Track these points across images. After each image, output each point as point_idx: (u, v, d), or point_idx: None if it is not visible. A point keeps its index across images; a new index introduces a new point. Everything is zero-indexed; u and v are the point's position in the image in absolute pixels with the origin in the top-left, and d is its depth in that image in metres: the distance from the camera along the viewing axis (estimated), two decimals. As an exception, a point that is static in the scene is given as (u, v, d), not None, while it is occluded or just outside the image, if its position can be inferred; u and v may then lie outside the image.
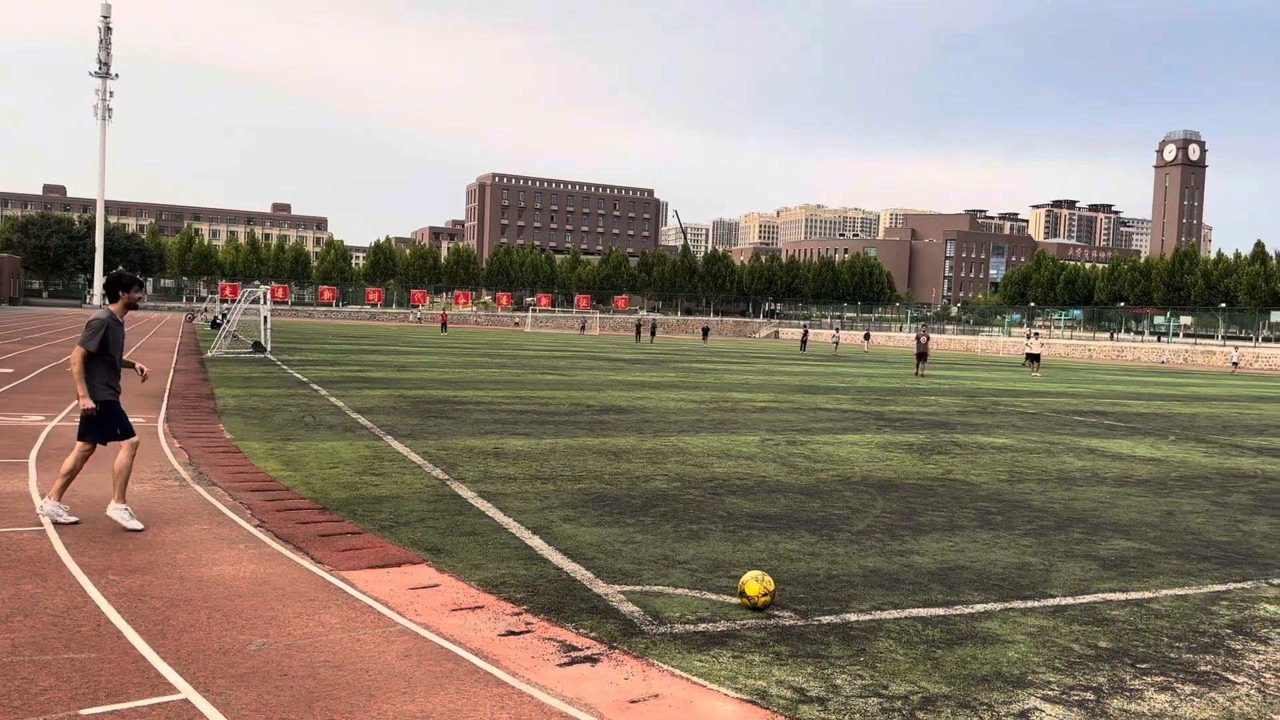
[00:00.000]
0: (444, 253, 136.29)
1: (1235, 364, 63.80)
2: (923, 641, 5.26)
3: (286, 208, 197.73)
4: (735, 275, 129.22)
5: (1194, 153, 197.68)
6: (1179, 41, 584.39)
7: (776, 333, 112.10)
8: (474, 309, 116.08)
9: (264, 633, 4.98)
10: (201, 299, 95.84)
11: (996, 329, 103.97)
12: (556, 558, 6.72)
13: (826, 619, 5.60)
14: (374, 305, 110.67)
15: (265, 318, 31.82)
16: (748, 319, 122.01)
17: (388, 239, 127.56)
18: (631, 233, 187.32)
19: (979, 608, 5.95)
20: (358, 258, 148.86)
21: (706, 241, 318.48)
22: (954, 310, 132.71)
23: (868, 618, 5.66)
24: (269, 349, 31.18)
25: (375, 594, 5.72)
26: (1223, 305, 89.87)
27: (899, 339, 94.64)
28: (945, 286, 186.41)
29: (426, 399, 17.94)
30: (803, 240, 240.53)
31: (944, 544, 7.67)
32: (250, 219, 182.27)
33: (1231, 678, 4.92)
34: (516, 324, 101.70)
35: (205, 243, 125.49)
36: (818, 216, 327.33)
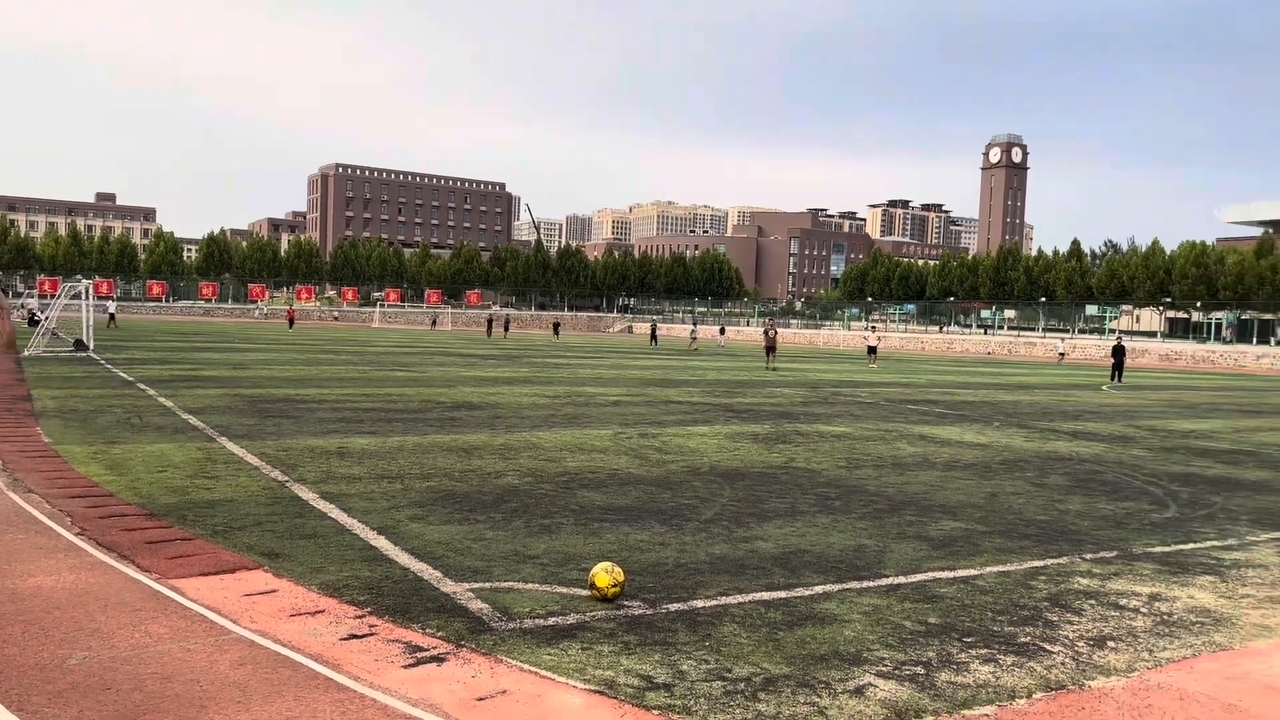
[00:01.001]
0: (284, 245, 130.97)
1: (1062, 354, 68.42)
2: (765, 624, 5.42)
3: (111, 197, 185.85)
4: (589, 270, 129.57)
5: (1017, 155, 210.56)
6: (1005, 46, 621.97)
7: (630, 328, 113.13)
8: (318, 304, 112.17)
9: (85, 646, 4.67)
10: (18, 294, 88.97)
11: (838, 323, 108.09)
12: (403, 558, 6.58)
13: (674, 607, 5.69)
14: (208, 300, 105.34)
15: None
16: (602, 314, 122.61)
17: (223, 231, 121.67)
18: (484, 227, 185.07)
19: (818, 589, 6.17)
20: (189, 250, 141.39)
21: (560, 236, 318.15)
22: (798, 305, 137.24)
23: (714, 604, 5.78)
24: (92, 347, 29.25)
25: (207, 602, 5.46)
26: (1043, 299, 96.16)
27: (747, 333, 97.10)
28: (790, 282, 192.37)
29: (265, 398, 17.22)
30: (655, 236, 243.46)
31: (786, 529, 7.92)
32: (72, 209, 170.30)
33: (1048, 647, 5.27)
34: (365, 320, 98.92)
35: (22, 234, 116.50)
36: (669, 213, 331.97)
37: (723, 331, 78.91)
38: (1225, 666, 5.05)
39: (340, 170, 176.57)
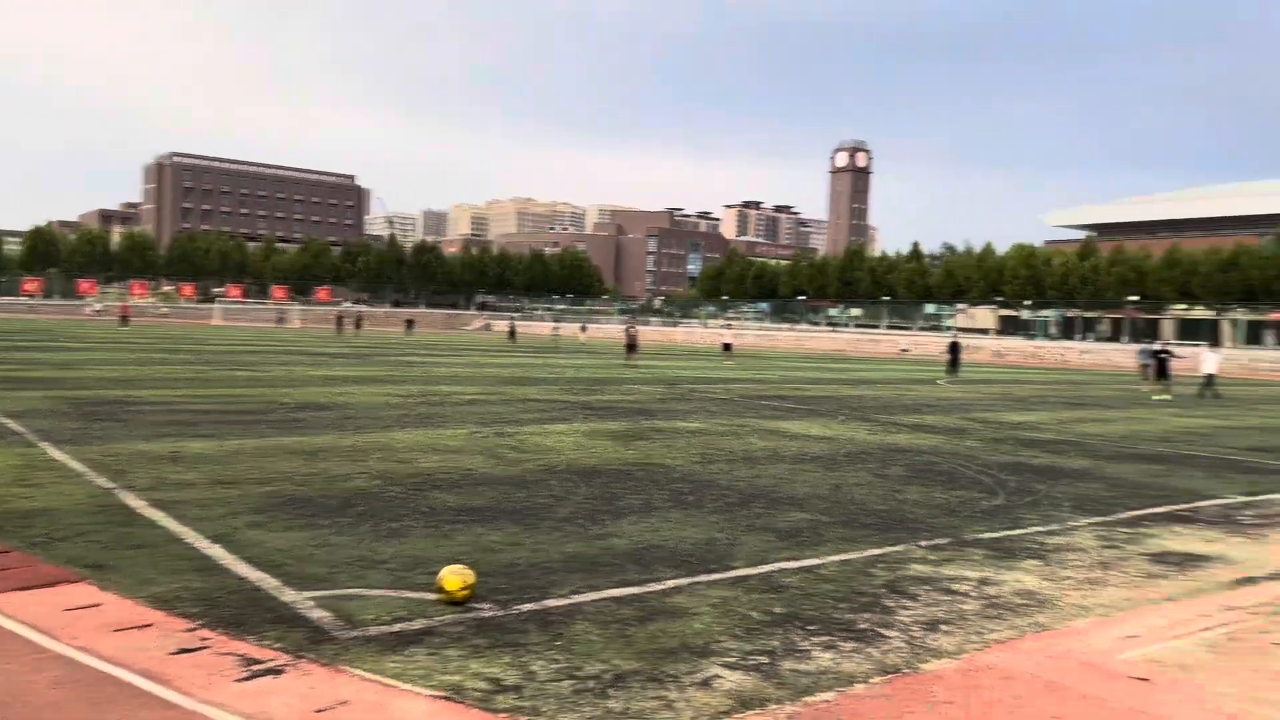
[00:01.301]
0: (116, 238, 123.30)
1: (904, 350, 71.59)
2: (617, 621, 5.44)
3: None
4: (446, 267, 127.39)
5: (861, 160, 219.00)
6: (852, 51, 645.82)
7: (488, 325, 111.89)
8: (153, 300, 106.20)
9: None
10: None
11: (695, 321, 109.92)
12: (240, 567, 6.29)
13: (526, 607, 5.64)
14: (31, 296, 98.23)
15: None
16: (459, 311, 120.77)
17: (49, 223, 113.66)
18: (334, 221, 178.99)
19: (670, 583, 6.24)
20: (11, 243, 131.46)
21: (415, 232, 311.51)
22: (658, 303, 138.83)
23: (566, 602, 5.76)
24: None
25: (24, 618, 5.07)
26: (886, 298, 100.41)
27: (608, 330, 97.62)
28: (649, 280, 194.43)
29: (93, 400, 16.17)
30: (514, 233, 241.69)
31: (641, 525, 7.98)
32: None
33: (885, 632, 5.49)
34: (205, 318, 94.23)
35: None
36: (528, 210, 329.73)
37: (584, 329, 79.05)
38: (1047, 645, 5.37)
39: (178, 160, 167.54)
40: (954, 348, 38.17)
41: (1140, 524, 9.02)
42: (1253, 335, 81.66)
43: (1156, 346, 32.47)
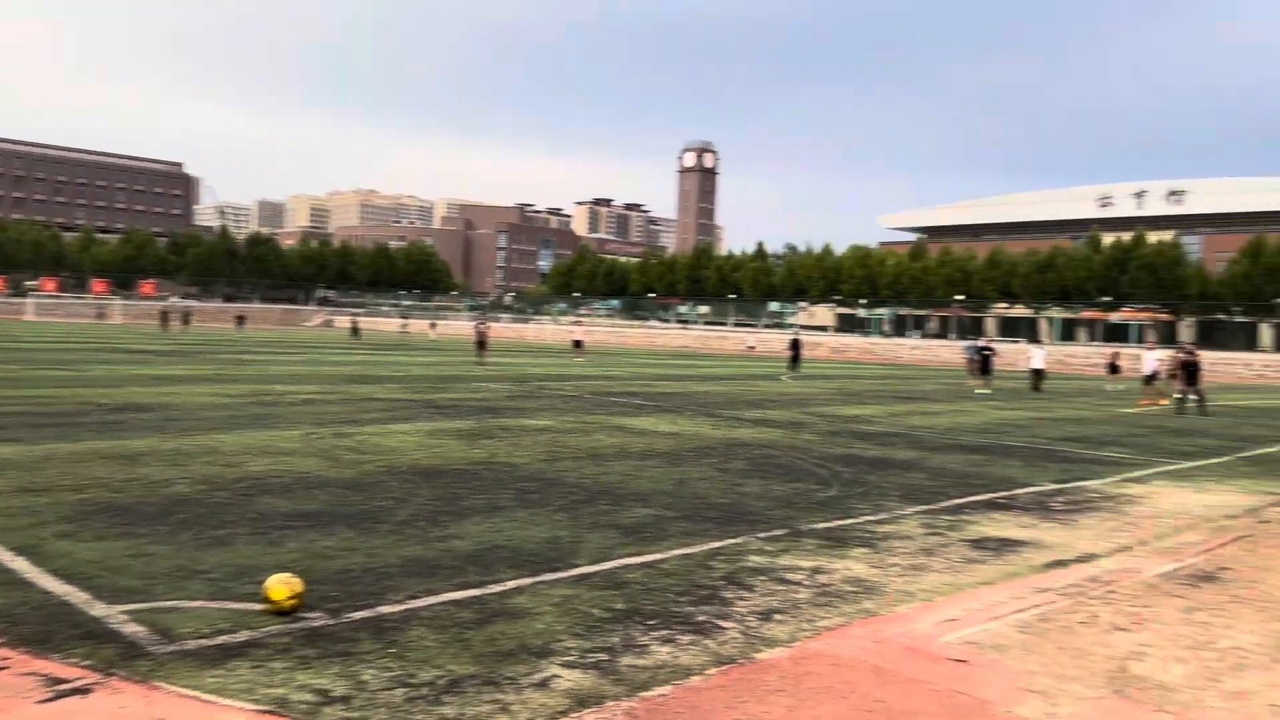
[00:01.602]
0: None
1: (751, 347, 73.40)
2: (454, 625, 5.34)
3: None
4: (283, 260, 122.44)
5: (709, 160, 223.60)
6: (702, 52, 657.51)
7: (330, 322, 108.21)
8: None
9: None
10: None
11: (547, 318, 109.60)
12: (46, 580, 5.83)
13: (359, 615, 5.46)
14: None
15: None
16: (297, 307, 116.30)
17: None
18: (159, 210, 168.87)
19: (511, 584, 6.17)
20: None
21: (250, 223, 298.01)
22: (508, 300, 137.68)
23: (402, 608, 5.61)
24: None
25: None
26: (733, 296, 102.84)
27: (458, 327, 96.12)
28: (499, 276, 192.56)
29: (-121, 403, 14.72)
30: (357, 225, 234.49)
31: (484, 526, 7.86)
32: None
33: (722, 624, 5.59)
34: (15, 313, 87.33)
35: None
36: (371, 202, 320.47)
37: (434, 325, 77.53)
38: (873, 631, 5.59)
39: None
40: (795, 345, 39.44)
41: (961, 512, 9.53)
42: (1067, 332, 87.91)
43: (980, 343, 34.46)
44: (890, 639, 5.44)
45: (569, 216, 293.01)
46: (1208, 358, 31.19)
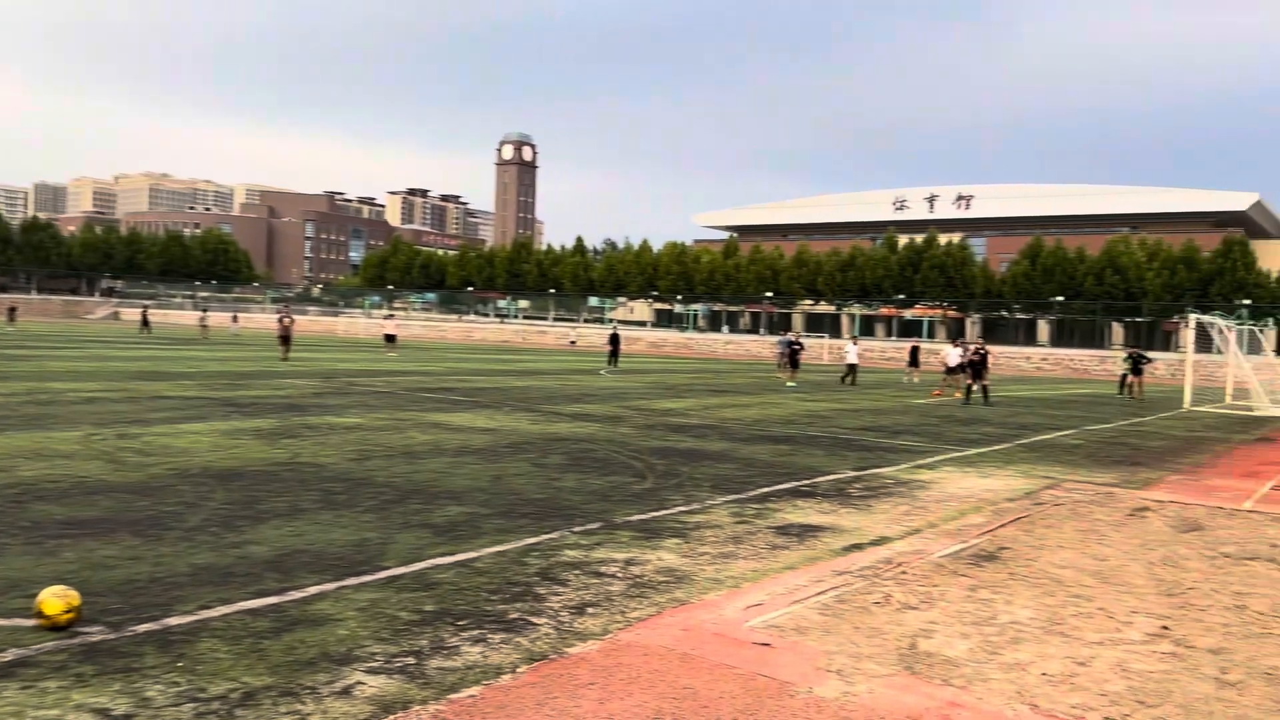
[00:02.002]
0: None
1: (573, 342, 73.56)
2: (250, 635, 5.05)
3: None
4: (64, 247, 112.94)
5: (527, 153, 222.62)
6: (525, 48, 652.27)
7: (117, 313, 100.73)
8: None
9: None
10: None
11: (358, 311, 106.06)
12: None
13: (144, 628, 5.08)
14: None
15: None
16: (80, 298, 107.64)
17: None
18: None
19: (313, 590, 5.90)
20: None
21: (25, 207, 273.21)
22: (315, 291, 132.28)
23: (192, 619, 5.26)
24: None
25: None
26: (553, 291, 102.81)
27: (263, 320, 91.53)
28: (306, 267, 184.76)
29: None
30: (147, 211, 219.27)
31: (284, 530, 7.49)
32: None
33: (535, 620, 5.55)
34: None
35: None
36: (163, 186, 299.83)
37: (236, 319, 73.49)
38: (683, 620, 5.70)
39: None
40: (614, 339, 39.83)
41: (768, 500, 9.88)
42: (866, 328, 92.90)
43: (790, 338, 35.91)
44: (699, 626, 5.56)
45: (382, 206, 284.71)
46: (994, 351, 33.73)
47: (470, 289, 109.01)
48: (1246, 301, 66.41)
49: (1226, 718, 4.50)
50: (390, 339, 45.86)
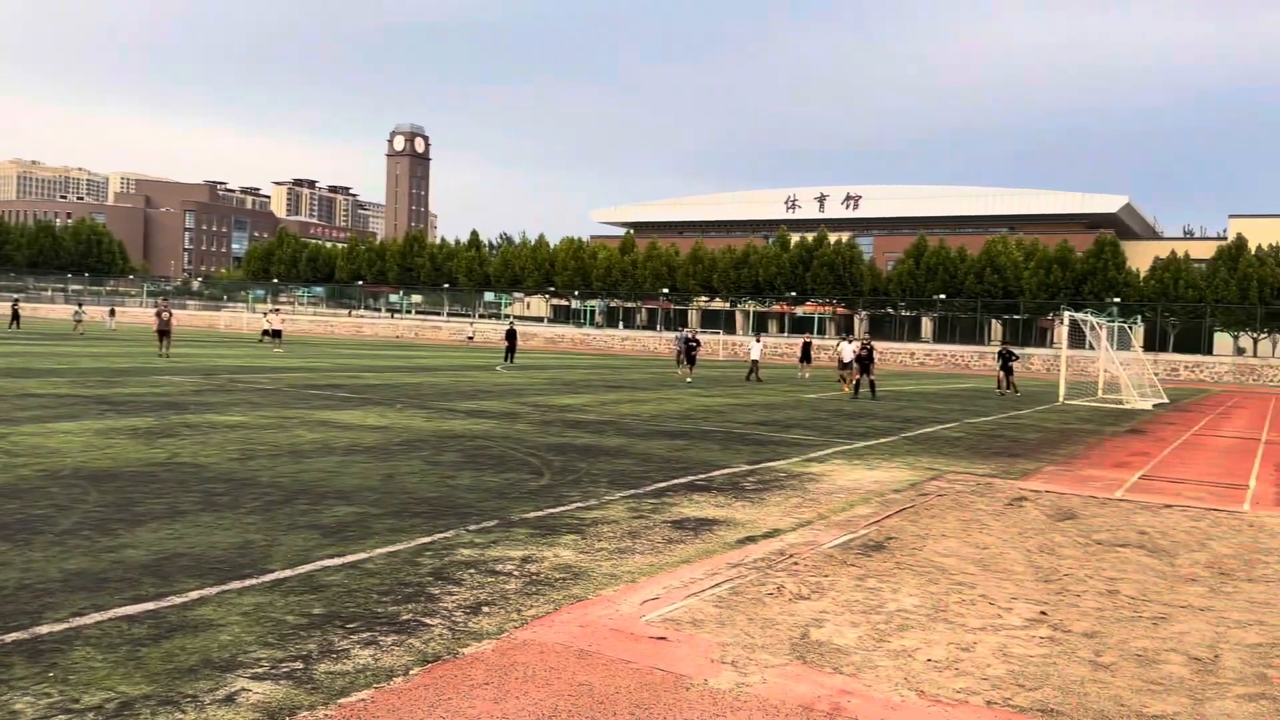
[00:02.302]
0: None
1: (470, 338, 72.64)
2: (127, 642, 4.82)
3: None
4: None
5: (420, 145, 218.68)
6: (413, 37, 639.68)
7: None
8: None
9: None
10: None
11: (241, 304, 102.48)
12: None
13: (12, 637, 4.81)
14: None
15: None
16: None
17: None
18: None
19: (194, 595, 5.67)
20: None
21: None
22: (196, 285, 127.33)
23: (64, 627, 5.00)
24: None
25: None
26: (447, 285, 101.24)
27: (140, 315, 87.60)
28: (186, 259, 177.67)
29: None
30: (14, 200, 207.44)
31: (162, 533, 7.18)
32: None
33: (428, 621, 5.45)
34: None
35: None
36: (32, 174, 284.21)
37: (113, 313, 70.08)
38: (580, 616, 5.68)
39: None
40: (511, 335, 39.51)
41: (664, 495, 9.94)
42: (760, 324, 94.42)
43: (688, 334, 36.23)
44: (595, 622, 5.55)
45: (267, 197, 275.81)
46: (880, 347, 34.71)
47: (360, 283, 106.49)
48: (1117, 300, 69.95)
49: (1101, 698, 4.73)
50: (275, 334, 44.46)
